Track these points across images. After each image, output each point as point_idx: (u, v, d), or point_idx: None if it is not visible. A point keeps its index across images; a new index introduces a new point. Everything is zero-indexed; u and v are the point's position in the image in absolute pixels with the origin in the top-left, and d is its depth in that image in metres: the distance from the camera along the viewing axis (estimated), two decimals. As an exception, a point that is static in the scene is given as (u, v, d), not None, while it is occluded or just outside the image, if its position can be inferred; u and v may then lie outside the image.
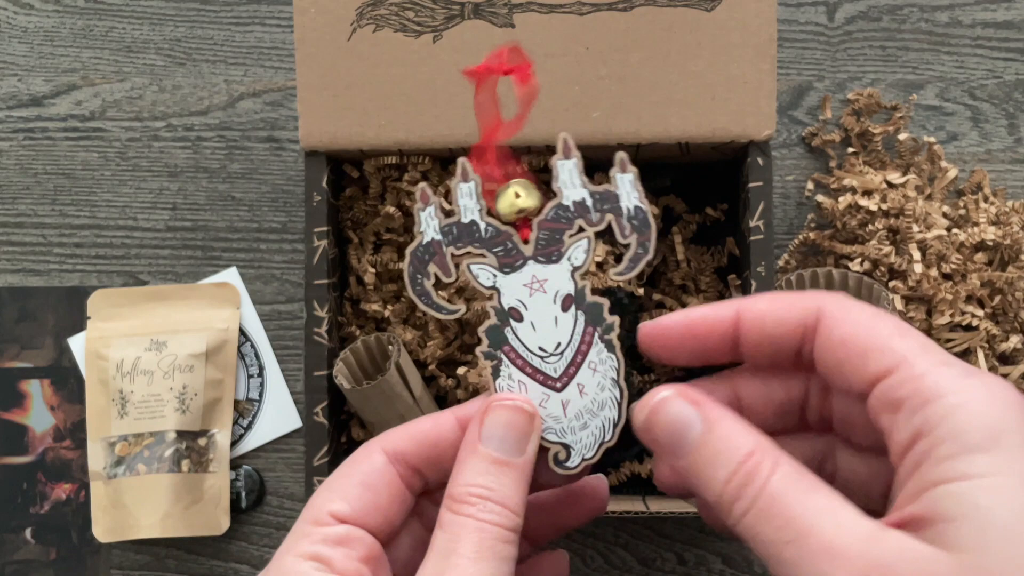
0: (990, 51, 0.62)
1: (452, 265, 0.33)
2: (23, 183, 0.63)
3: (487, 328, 0.32)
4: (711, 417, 0.28)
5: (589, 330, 0.32)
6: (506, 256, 0.32)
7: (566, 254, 0.32)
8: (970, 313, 0.55)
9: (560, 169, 0.33)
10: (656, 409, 0.29)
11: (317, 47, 0.51)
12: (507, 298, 0.32)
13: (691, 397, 0.29)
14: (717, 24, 0.50)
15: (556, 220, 0.32)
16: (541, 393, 0.32)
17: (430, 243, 0.33)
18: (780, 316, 0.29)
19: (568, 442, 0.32)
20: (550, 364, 0.32)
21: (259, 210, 0.63)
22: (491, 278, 0.32)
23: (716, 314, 0.30)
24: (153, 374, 0.60)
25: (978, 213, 0.57)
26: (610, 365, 0.32)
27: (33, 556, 0.61)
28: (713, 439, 0.28)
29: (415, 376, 0.54)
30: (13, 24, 0.63)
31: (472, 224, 0.33)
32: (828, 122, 0.62)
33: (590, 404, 0.32)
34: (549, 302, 0.32)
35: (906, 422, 0.25)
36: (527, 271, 0.32)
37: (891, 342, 0.27)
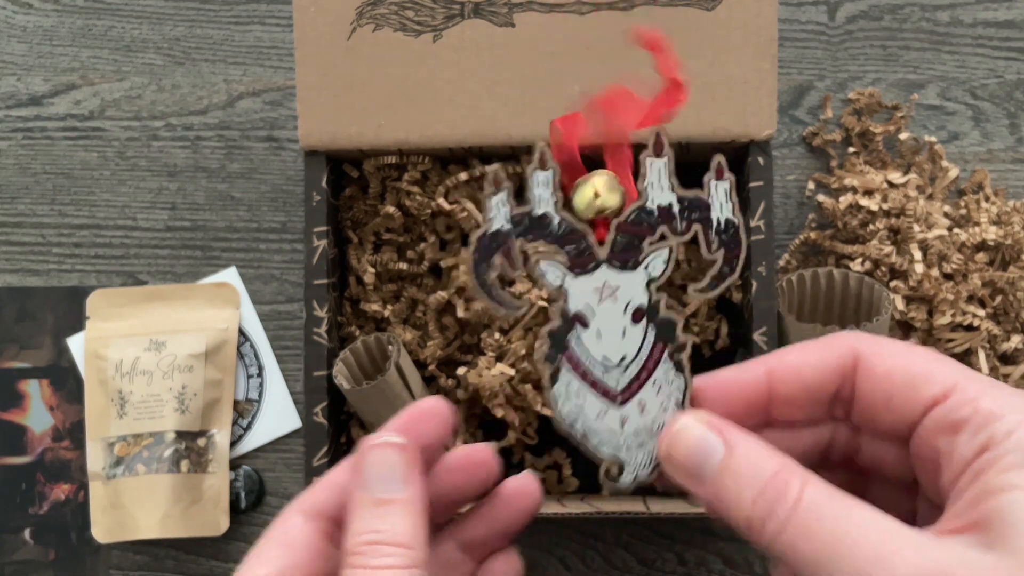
0: (991, 50, 0.62)
1: (519, 257, 0.30)
2: (22, 183, 0.63)
3: (550, 331, 0.30)
4: (732, 440, 0.28)
5: (659, 346, 0.30)
6: (578, 256, 0.30)
7: (644, 262, 0.30)
8: (971, 313, 0.55)
9: (649, 168, 0.30)
10: (676, 437, 0.28)
11: (317, 46, 0.50)
12: (575, 301, 0.30)
13: (711, 423, 0.28)
14: (718, 24, 0.50)
15: (637, 224, 0.30)
16: (600, 406, 0.30)
17: (498, 232, 0.30)
18: (816, 363, 0.29)
19: (622, 458, 0.31)
20: (613, 376, 0.30)
21: (258, 210, 0.62)
22: (560, 278, 0.30)
23: (747, 375, 0.29)
24: (152, 374, 0.60)
25: (979, 213, 0.57)
26: (677, 386, 0.30)
27: (32, 556, 0.61)
28: (736, 461, 0.27)
29: (415, 376, 0.54)
30: (12, 23, 0.63)
31: (545, 217, 0.30)
32: (829, 122, 0.61)
33: (650, 423, 0.30)
34: (619, 312, 0.30)
35: (970, 440, 0.26)
36: (599, 275, 0.30)
37: (935, 369, 0.27)
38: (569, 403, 0.30)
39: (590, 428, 0.30)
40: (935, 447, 0.27)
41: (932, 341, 0.56)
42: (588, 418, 0.30)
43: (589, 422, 0.30)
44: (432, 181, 0.55)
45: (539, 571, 0.60)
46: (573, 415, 0.30)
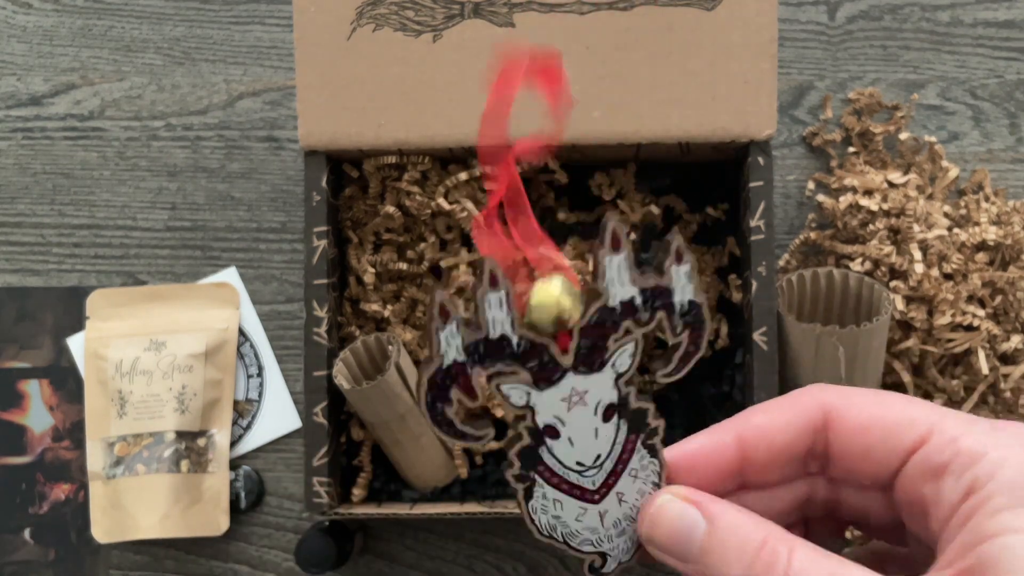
0: (991, 50, 0.62)
1: (479, 388, 0.28)
2: (22, 183, 0.63)
3: (519, 450, 0.29)
4: (713, 513, 0.27)
5: (631, 438, 0.29)
6: (541, 371, 0.28)
7: (610, 361, 0.29)
8: (971, 313, 0.55)
9: (608, 266, 0.28)
10: (655, 516, 0.28)
11: (317, 46, 0.50)
12: (543, 416, 0.29)
13: (689, 497, 0.28)
14: (718, 23, 0.50)
15: (601, 324, 0.28)
16: (578, 508, 0.30)
17: (451, 366, 0.28)
18: (784, 425, 0.28)
19: (605, 550, 0.30)
20: (588, 477, 0.29)
21: (258, 210, 0.62)
22: (524, 397, 0.29)
23: (715, 443, 0.29)
24: (152, 374, 0.60)
25: (979, 213, 0.57)
26: (652, 470, 0.30)
27: (32, 556, 0.61)
28: (719, 535, 0.27)
29: (415, 376, 0.54)
30: (12, 23, 0.63)
31: (503, 339, 0.28)
32: (829, 122, 0.61)
33: (629, 511, 0.30)
34: (589, 414, 0.29)
35: (955, 483, 0.25)
36: (565, 384, 0.28)
37: (910, 414, 0.27)
38: (547, 514, 0.30)
39: (570, 531, 0.30)
40: (920, 494, 0.26)
41: (932, 341, 0.56)
42: (567, 523, 0.30)
43: (568, 526, 0.30)
44: (432, 181, 0.55)
45: (539, 571, 0.60)
46: (552, 523, 0.30)
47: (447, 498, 0.58)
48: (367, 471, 0.57)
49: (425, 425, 0.55)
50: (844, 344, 0.51)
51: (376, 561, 0.61)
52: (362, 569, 0.60)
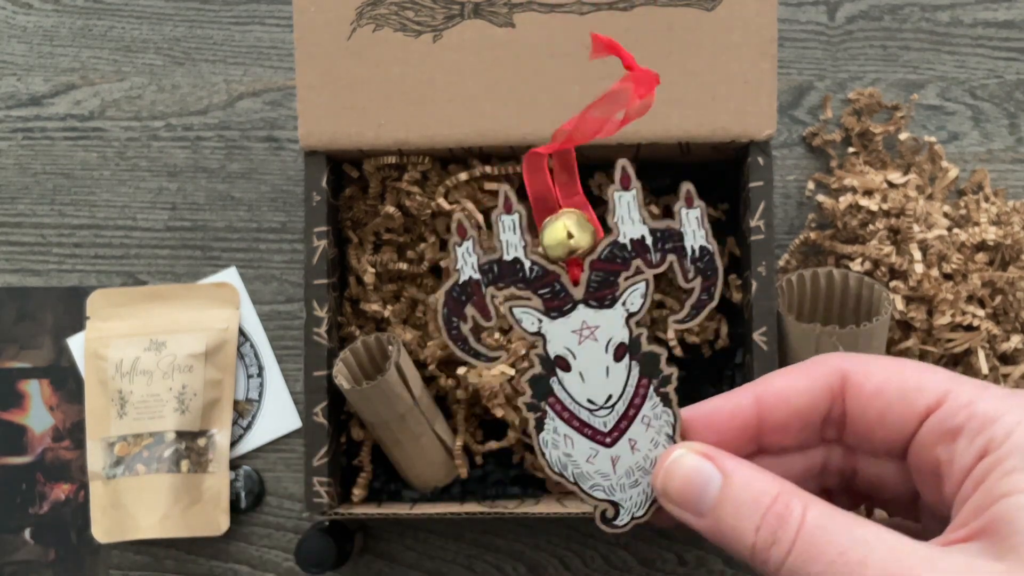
0: (991, 51, 0.62)
1: (492, 307, 0.29)
2: (22, 183, 0.63)
3: (531, 378, 0.29)
4: (728, 468, 0.27)
5: (643, 382, 0.29)
6: (553, 299, 0.29)
7: (621, 298, 0.29)
8: (971, 313, 0.55)
9: (617, 202, 0.29)
10: (670, 469, 0.28)
11: (317, 46, 0.50)
12: (554, 346, 0.29)
13: (705, 452, 0.28)
14: (717, 24, 0.50)
15: (611, 260, 0.29)
16: (589, 448, 0.30)
17: (467, 282, 0.29)
18: (804, 388, 0.28)
19: (617, 499, 0.30)
20: (600, 418, 0.30)
21: (258, 210, 0.62)
22: (536, 323, 0.29)
23: (734, 403, 0.29)
24: (152, 374, 0.60)
25: (979, 213, 0.57)
26: (665, 420, 0.29)
27: (32, 556, 0.61)
28: (734, 489, 0.27)
29: (415, 376, 0.54)
30: (12, 24, 0.63)
31: (515, 262, 0.29)
32: (829, 122, 0.61)
33: (642, 460, 0.30)
34: (600, 351, 0.29)
35: (968, 445, 0.25)
36: (576, 316, 0.29)
37: (926, 379, 0.27)
38: (558, 450, 0.30)
39: (581, 472, 0.30)
40: (934, 457, 0.27)
41: (932, 341, 0.56)
42: (578, 462, 0.30)
43: (580, 466, 0.30)
44: (432, 181, 0.55)
45: (539, 571, 0.60)
46: (563, 461, 0.30)
47: (447, 498, 0.58)
48: (367, 471, 0.57)
49: (425, 425, 0.55)
50: (844, 344, 0.51)
51: (376, 561, 0.61)
52: (362, 569, 0.60)
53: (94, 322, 0.61)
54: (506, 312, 0.29)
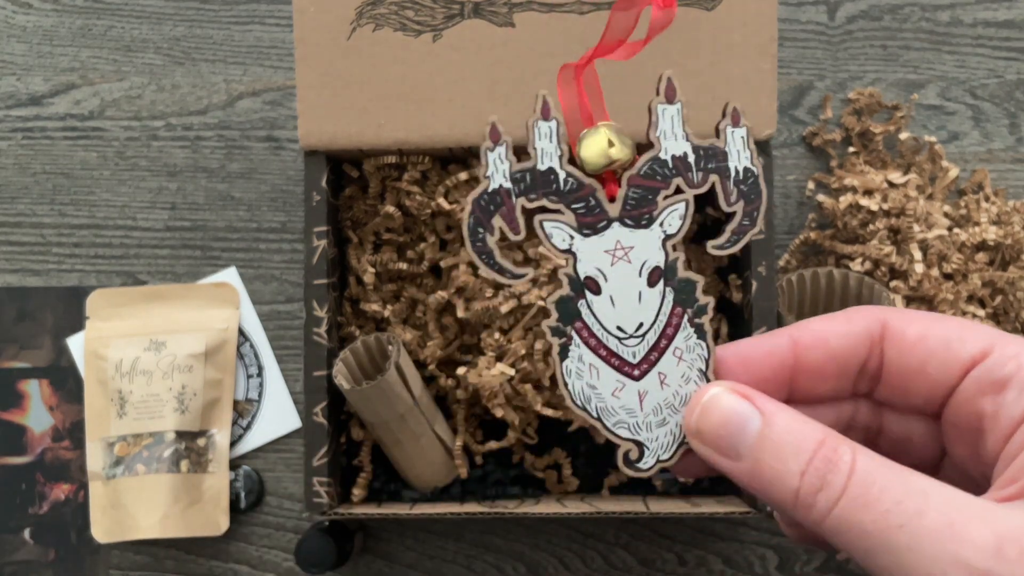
0: (991, 50, 0.62)
1: (522, 220, 0.27)
2: (22, 183, 0.63)
3: (558, 299, 0.27)
4: (768, 409, 0.25)
5: (678, 311, 0.27)
6: (587, 215, 0.27)
7: (658, 219, 0.27)
8: (971, 313, 0.55)
9: (660, 115, 0.27)
10: (706, 408, 0.26)
11: (317, 46, 0.50)
12: (584, 265, 0.27)
13: (743, 392, 0.26)
14: (717, 23, 0.49)
15: (651, 177, 0.27)
16: (615, 380, 0.27)
17: (497, 191, 0.27)
18: (844, 331, 0.27)
19: (642, 439, 0.28)
20: (628, 347, 0.27)
21: (258, 210, 0.62)
22: (567, 240, 0.27)
23: (770, 343, 0.27)
24: (152, 374, 0.60)
25: (979, 213, 0.57)
26: (698, 354, 0.27)
27: (32, 556, 0.61)
28: (776, 431, 0.25)
29: (415, 376, 0.54)
30: (12, 23, 0.63)
31: (550, 172, 0.27)
32: (829, 121, 0.61)
33: (671, 397, 0.27)
34: (634, 274, 0.27)
35: (1019, 396, 0.24)
36: (610, 235, 0.27)
37: (969, 330, 0.26)
38: (581, 380, 0.28)
39: (605, 407, 0.28)
40: (978, 410, 0.25)
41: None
42: (603, 395, 0.28)
43: (604, 400, 0.28)
44: (432, 181, 0.55)
45: (539, 571, 0.60)
46: (586, 393, 0.28)
47: (447, 498, 0.58)
48: (367, 471, 0.57)
49: (425, 425, 0.55)
50: (844, 344, 0.51)
51: (376, 561, 0.61)
52: (362, 569, 0.60)
53: (94, 322, 0.61)
54: (536, 226, 0.27)
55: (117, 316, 0.61)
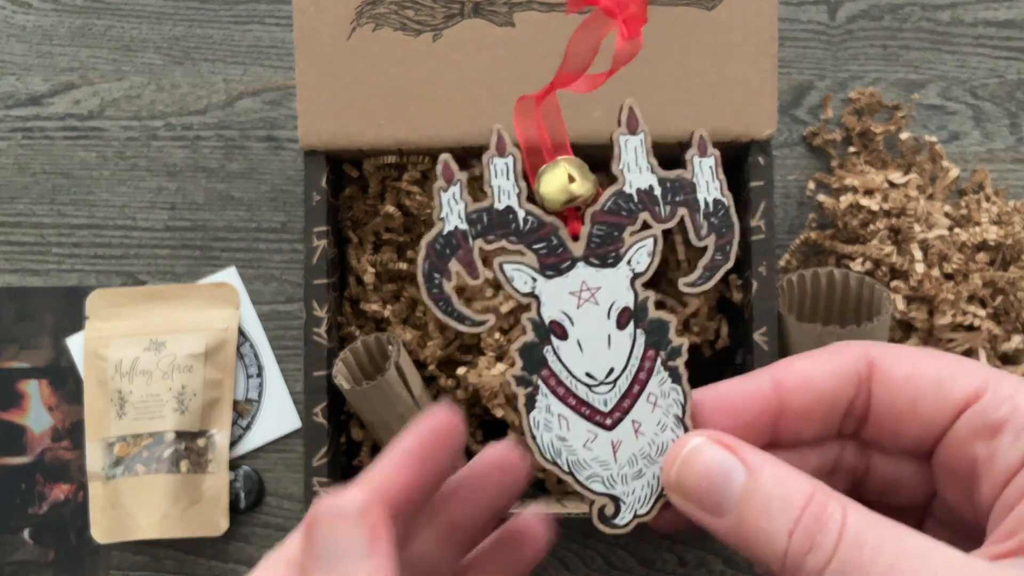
0: (992, 50, 0.62)
1: (480, 262, 0.26)
2: (21, 183, 0.63)
3: (522, 346, 0.26)
4: (753, 461, 0.24)
5: (650, 354, 0.26)
6: (550, 255, 0.25)
7: (626, 256, 0.26)
8: (972, 313, 0.55)
9: (623, 147, 0.26)
10: (687, 460, 0.24)
11: (316, 46, 0.50)
12: (549, 309, 0.25)
13: (724, 441, 0.24)
14: (718, 23, 0.49)
15: (615, 212, 0.26)
16: (586, 431, 0.26)
17: (453, 233, 0.25)
18: (829, 371, 0.25)
19: (617, 493, 0.26)
20: (599, 395, 0.26)
21: (258, 210, 0.62)
22: (529, 283, 0.25)
23: (751, 386, 0.26)
24: (152, 374, 0.60)
25: (980, 213, 0.57)
26: (674, 399, 0.26)
27: (31, 557, 0.61)
28: (762, 485, 0.23)
29: (415, 376, 0.54)
30: (11, 23, 0.63)
31: (508, 211, 0.25)
32: (829, 121, 0.61)
33: (647, 447, 0.26)
34: (602, 316, 0.26)
35: (1014, 442, 0.23)
36: (575, 275, 0.25)
37: (961, 369, 0.25)
38: (551, 432, 0.26)
39: (577, 459, 0.26)
40: (971, 455, 0.24)
41: (933, 341, 0.56)
42: (574, 447, 0.26)
43: (575, 452, 0.26)
44: (432, 181, 0.55)
45: (539, 571, 0.60)
46: (556, 446, 0.26)
47: (447, 498, 0.58)
48: (367, 471, 0.57)
49: (425, 425, 0.54)
50: (845, 344, 0.51)
51: (376, 561, 0.60)
52: (362, 569, 0.60)
53: (93, 322, 0.61)
54: (496, 269, 0.26)
55: (117, 316, 0.61)
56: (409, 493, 0.25)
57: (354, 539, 0.23)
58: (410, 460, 0.26)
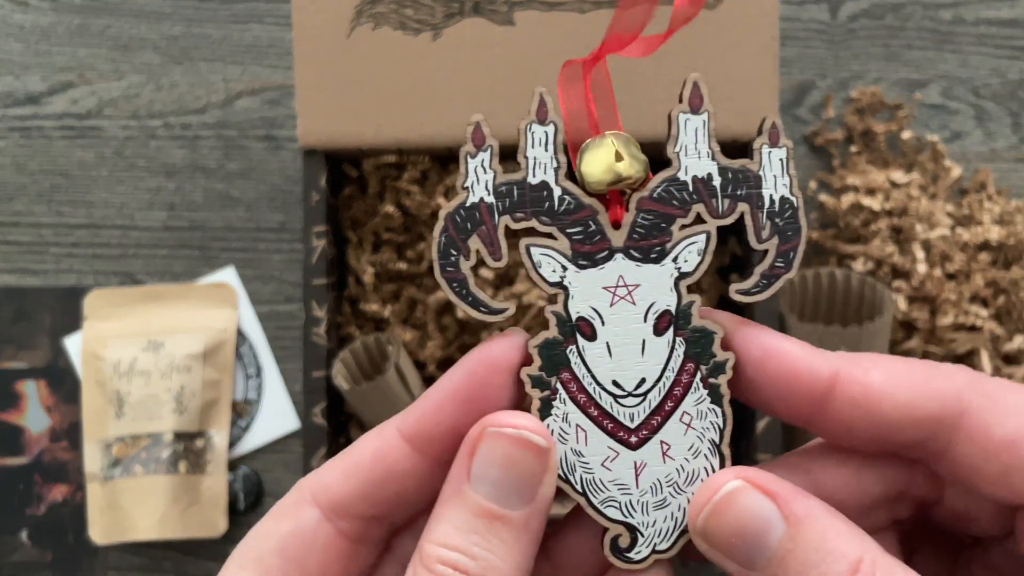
0: (994, 49, 0.61)
1: (504, 242, 0.22)
2: (19, 182, 0.62)
3: (542, 343, 0.22)
4: (797, 514, 0.20)
5: (689, 367, 0.22)
6: (585, 242, 0.22)
7: (672, 252, 0.22)
8: (974, 313, 0.55)
9: (683, 127, 0.23)
10: (720, 509, 0.21)
11: (316, 45, 0.50)
12: (577, 303, 0.22)
13: (765, 487, 0.21)
14: (719, 22, 0.49)
15: (666, 201, 0.22)
16: (607, 448, 0.22)
17: (477, 206, 0.22)
18: (903, 399, 0.21)
19: (635, 523, 0.23)
20: (626, 408, 0.22)
21: (257, 209, 0.62)
22: (559, 271, 0.22)
23: (808, 364, 0.22)
24: (150, 375, 0.59)
25: (982, 212, 0.57)
26: (711, 421, 0.22)
27: (29, 558, 0.61)
28: (802, 546, 0.20)
29: (414, 377, 0.54)
30: (9, 22, 0.63)
31: (542, 187, 0.22)
32: (831, 121, 0.61)
33: (675, 474, 0.22)
34: (638, 318, 0.22)
35: None
36: (612, 268, 0.22)
37: None
38: (566, 444, 0.23)
39: (592, 479, 0.23)
40: None
41: (935, 341, 0.56)
42: (590, 465, 0.23)
43: (592, 470, 0.23)
44: (432, 180, 0.54)
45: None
46: (571, 460, 0.23)
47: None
48: (366, 472, 0.56)
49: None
50: (846, 344, 0.51)
51: (375, 562, 0.60)
52: (361, 571, 0.60)
53: (91, 322, 0.61)
54: (522, 251, 0.22)
55: (115, 316, 0.61)
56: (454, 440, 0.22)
57: (530, 477, 0.21)
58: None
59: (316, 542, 0.23)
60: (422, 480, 0.23)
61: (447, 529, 0.21)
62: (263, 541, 0.24)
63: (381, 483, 0.23)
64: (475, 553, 0.21)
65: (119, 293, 0.61)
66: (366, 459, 0.23)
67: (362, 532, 0.24)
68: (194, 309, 0.61)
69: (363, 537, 0.24)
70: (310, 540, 0.24)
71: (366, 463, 0.23)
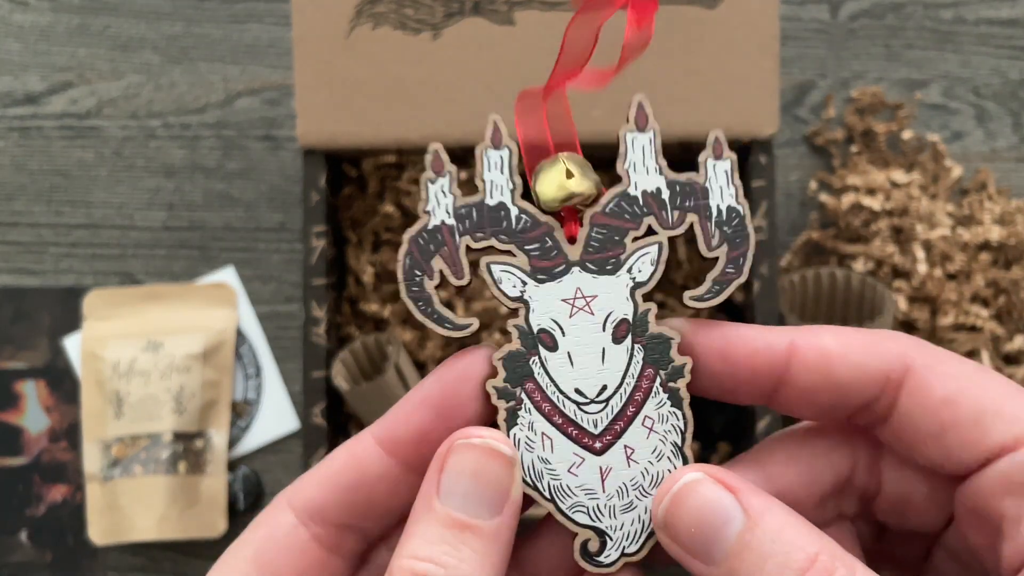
0: (995, 49, 0.61)
1: (466, 262, 0.24)
2: (18, 182, 0.62)
3: (506, 355, 0.23)
4: (755, 507, 0.21)
5: (648, 372, 0.23)
6: (543, 257, 0.24)
7: (627, 264, 0.24)
8: (974, 313, 0.55)
9: (630, 145, 0.24)
10: (680, 497, 0.22)
11: (315, 45, 0.50)
12: (538, 316, 0.24)
13: (725, 481, 0.22)
14: (719, 22, 0.49)
15: (618, 215, 0.24)
16: (572, 454, 0.23)
17: (438, 228, 0.23)
18: (855, 360, 0.22)
19: (604, 527, 0.23)
20: (589, 415, 0.23)
21: (257, 209, 0.62)
22: (519, 286, 0.24)
23: (765, 340, 0.23)
24: (150, 375, 0.59)
25: (982, 212, 0.57)
26: (673, 424, 0.23)
27: (28, 558, 0.61)
28: (759, 537, 0.21)
29: (414, 377, 0.54)
30: (8, 22, 0.63)
31: (500, 208, 0.24)
32: (831, 120, 0.61)
33: (640, 477, 0.23)
34: (596, 328, 0.23)
35: None
36: (570, 281, 0.24)
37: (1008, 405, 0.21)
38: (532, 452, 0.23)
39: (560, 485, 0.23)
40: (997, 507, 0.21)
41: (935, 342, 0.56)
42: (557, 471, 0.23)
43: (559, 476, 0.23)
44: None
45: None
46: (538, 467, 0.23)
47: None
48: (366, 472, 0.56)
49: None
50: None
51: (375, 563, 0.60)
52: (361, 571, 0.60)
53: (91, 322, 0.61)
54: (483, 269, 0.24)
55: (114, 316, 0.61)
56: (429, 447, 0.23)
57: (497, 486, 0.22)
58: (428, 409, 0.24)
59: (291, 547, 0.24)
60: (394, 485, 0.23)
61: (418, 543, 0.22)
62: (239, 549, 0.25)
63: (354, 487, 0.23)
64: (445, 562, 0.21)
65: (118, 293, 0.61)
66: (340, 463, 0.24)
67: (337, 541, 0.24)
68: (193, 309, 0.61)
69: (338, 547, 0.24)
70: (284, 544, 0.24)
71: (340, 466, 0.24)
